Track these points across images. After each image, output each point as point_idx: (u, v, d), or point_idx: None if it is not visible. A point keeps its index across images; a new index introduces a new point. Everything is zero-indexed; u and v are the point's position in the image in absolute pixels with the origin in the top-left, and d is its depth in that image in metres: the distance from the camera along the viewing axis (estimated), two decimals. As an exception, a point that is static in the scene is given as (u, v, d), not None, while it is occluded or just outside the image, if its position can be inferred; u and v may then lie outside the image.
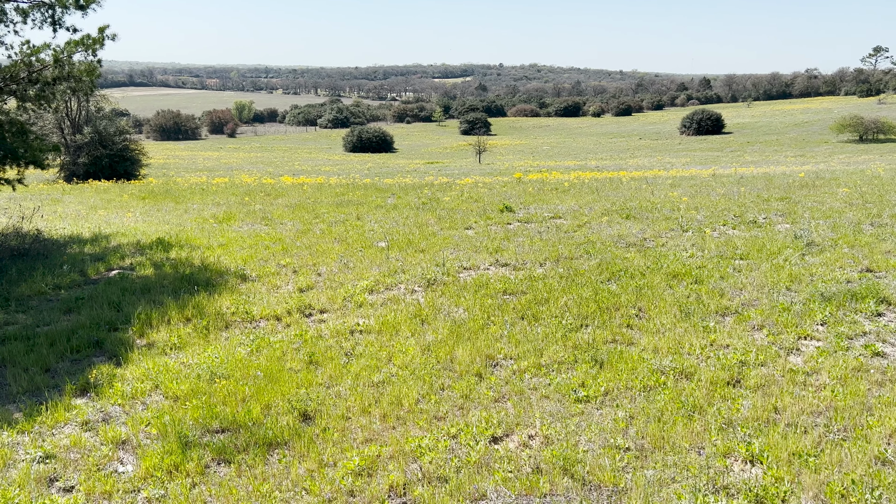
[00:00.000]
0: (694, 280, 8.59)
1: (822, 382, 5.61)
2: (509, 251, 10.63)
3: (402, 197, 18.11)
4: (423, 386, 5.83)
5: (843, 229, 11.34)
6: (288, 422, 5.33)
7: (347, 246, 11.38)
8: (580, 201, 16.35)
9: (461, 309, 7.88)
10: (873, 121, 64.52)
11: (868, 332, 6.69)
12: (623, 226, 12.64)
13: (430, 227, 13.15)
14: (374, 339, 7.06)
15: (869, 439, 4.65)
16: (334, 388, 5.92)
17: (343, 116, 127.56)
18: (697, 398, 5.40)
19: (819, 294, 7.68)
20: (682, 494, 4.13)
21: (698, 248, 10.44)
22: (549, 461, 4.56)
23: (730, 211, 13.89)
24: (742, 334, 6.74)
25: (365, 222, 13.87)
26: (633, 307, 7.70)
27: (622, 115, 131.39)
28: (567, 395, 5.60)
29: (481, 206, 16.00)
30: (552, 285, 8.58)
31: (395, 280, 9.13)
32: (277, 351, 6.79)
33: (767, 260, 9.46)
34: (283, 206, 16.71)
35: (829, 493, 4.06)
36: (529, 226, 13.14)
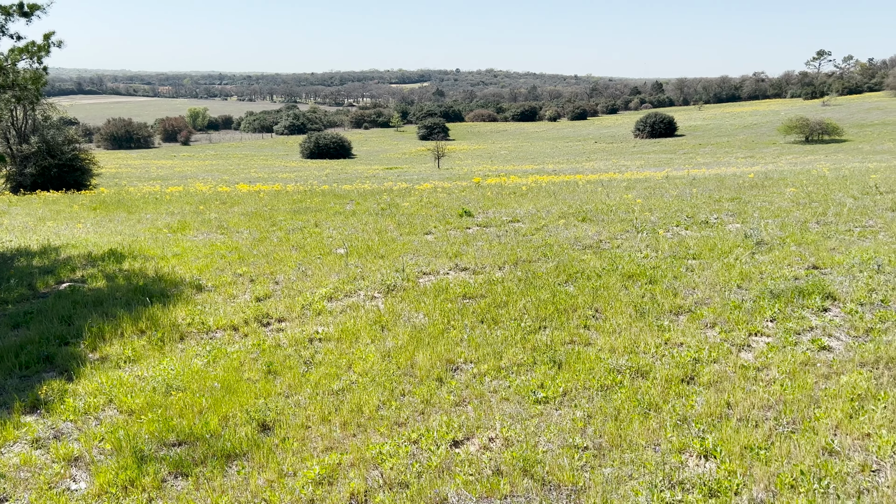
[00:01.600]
0: (648, 280, 8.75)
1: (772, 377, 5.77)
2: (469, 255, 10.68)
3: (360, 203, 18.05)
4: (383, 392, 5.83)
5: (790, 228, 11.68)
6: (246, 433, 5.27)
7: (306, 253, 11.30)
8: (538, 205, 16.51)
9: (421, 314, 7.89)
10: (818, 122, 66.69)
11: (815, 327, 6.91)
12: (580, 228, 12.81)
13: (389, 232, 13.14)
14: (333, 346, 7.02)
15: (816, 431, 4.81)
16: (293, 398, 5.87)
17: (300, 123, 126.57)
18: (653, 396, 5.51)
19: (768, 291, 7.91)
20: (639, 491, 4.21)
21: (652, 248, 10.64)
22: (509, 463, 4.61)
23: (682, 212, 14.19)
24: (695, 332, 6.90)
25: (323, 229, 13.78)
26: (590, 308, 7.81)
27: (578, 119, 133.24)
28: (526, 396, 5.66)
29: (441, 211, 16.04)
30: (511, 288, 8.65)
31: (355, 287, 9.10)
32: (235, 361, 6.71)
33: (719, 259, 9.70)
34: (240, 214, 16.50)
35: (780, 485, 4.19)
36: (488, 230, 13.22)
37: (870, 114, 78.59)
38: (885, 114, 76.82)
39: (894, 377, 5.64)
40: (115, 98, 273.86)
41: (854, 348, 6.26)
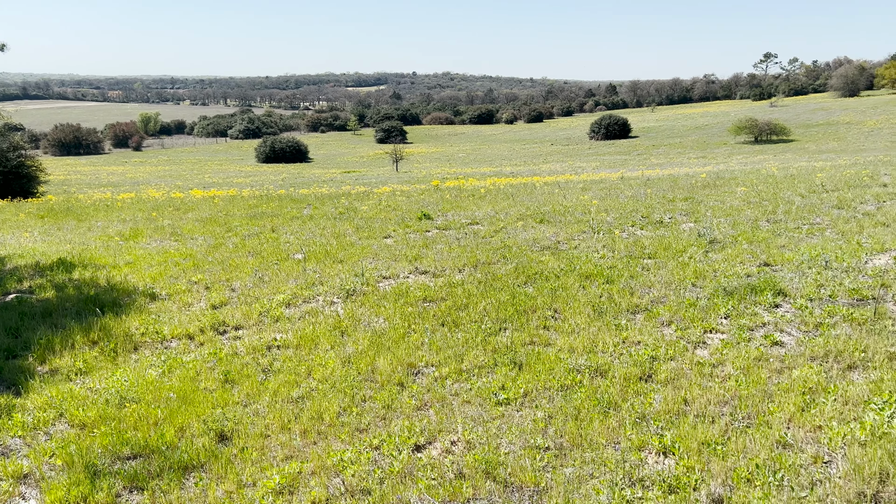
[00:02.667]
0: (606, 280, 8.86)
1: (727, 373, 5.89)
2: (428, 258, 10.66)
3: (318, 207, 17.89)
4: (344, 399, 5.77)
5: (742, 226, 11.96)
6: (204, 443, 5.16)
7: (262, 259, 11.14)
8: (496, 207, 16.59)
9: (381, 318, 7.85)
10: (767, 123, 68.51)
11: (767, 322, 7.08)
12: (538, 230, 12.91)
13: (348, 237, 13.05)
14: (292, 353, 6.93)
15: (770, 425, 4.92)
16: (252, 406, 5.78)
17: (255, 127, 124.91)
18: (612, 394, 5.57)
19: (722, 289, 8.08)
20: (600, 490, 4.25)
21: (609, 248, 10.78)
22: (471, 466, 4.60)
23: (638, 212, 14.42)
24: (652, 330, 7.00)
25: (280, 234, 13.62)
26: (549, 309, 7.87)
27: (534, 121, 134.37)
28: (488, 398, 5.67)
29: (400, 214, 16.00)
30: (471, 291, 8.66)
31: (313, 292, 9.01)
32: (191, 371, 6.58)
33: (674, 258, 9.87)
34: (194, 220, 16.20)
35: (736, 479, 4.27)
36: (448, 232, 13.23)
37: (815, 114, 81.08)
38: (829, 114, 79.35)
39: (843, 370, 5.81)
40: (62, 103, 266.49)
41: (805, 343, 6.43)
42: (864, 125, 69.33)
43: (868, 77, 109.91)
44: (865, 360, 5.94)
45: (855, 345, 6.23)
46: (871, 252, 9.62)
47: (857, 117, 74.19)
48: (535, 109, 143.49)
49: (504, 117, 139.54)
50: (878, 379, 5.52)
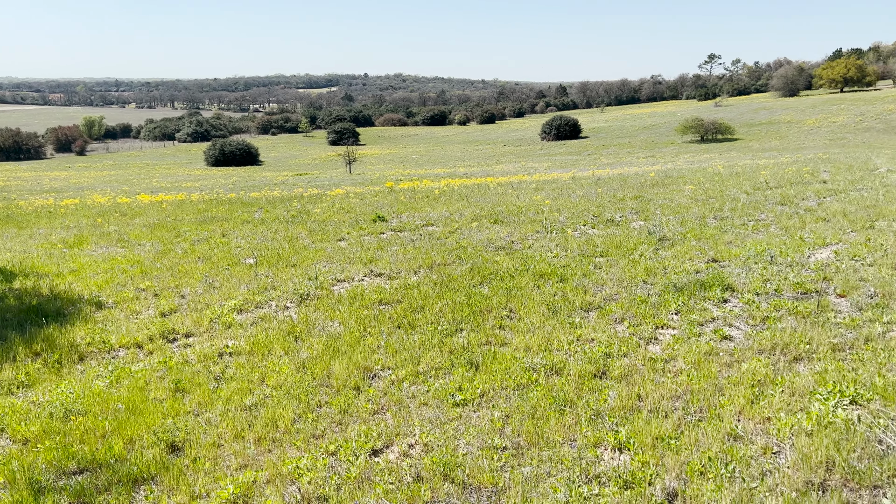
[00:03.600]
0: (559, 279, 8.94)
1: (678, 368, 6.00)
2: (383, 261, 10.61)
3: (270, 211, 17.64)
4: (299, 405, 5.69)
5: (690, 224, 12.22)
6: (154, 455, 5.02)
7: (213, 265, 10.92)
8: (451, 208, 16.61)
9: (336, 322, 7.76)
10: (712, 122, 70.23)
11: (716, 317, 7.24)
12: (492, 230, 12.97)
13: (301, 240, 12.89)
14: (245, 360, 6.80)
15: (722, 418, 5.02)
16: (204, 415, 5.65)
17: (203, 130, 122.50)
18: (568, 392, 5.61)
19: (672, 285, 8.23)
20: (557, 488, 4.27)
21: (562, 247, 10.89)
22: (429, 468, 4.58)
23: (589, 211, 14.61)
24: (605, 328, 7.09)
25: (231, 239, 13.37)
26: (504, 308, 7.90)
27: (486, 122, 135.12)
28: (445, 400, 5.65)
29: (353, 216, 15.89)
30: (427, 292, 8.64)
31: (266, 297, 8.86)
32: (140, 381, 6.39)
33: (625, 256, 10.02)
34: (141, 226, 15.79)
35: (690, 472, 4.34)
36: (403, 234, 13.18)
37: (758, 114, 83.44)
38: (771, 113, 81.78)
39: (789, 362, 5.97)
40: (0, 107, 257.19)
41: (753, 336, 6.60)
42: (804, 124, 71.67)
43: (807, 77, 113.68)
44: (810, 352, 6.12)
45: (800, 337, 6.41)
46: (813, 246, 9.93)
47: (798, 116, 76.66)
48: (487, 111, 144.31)
49: (457, 118, 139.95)
50: (823, 370, 5.69)
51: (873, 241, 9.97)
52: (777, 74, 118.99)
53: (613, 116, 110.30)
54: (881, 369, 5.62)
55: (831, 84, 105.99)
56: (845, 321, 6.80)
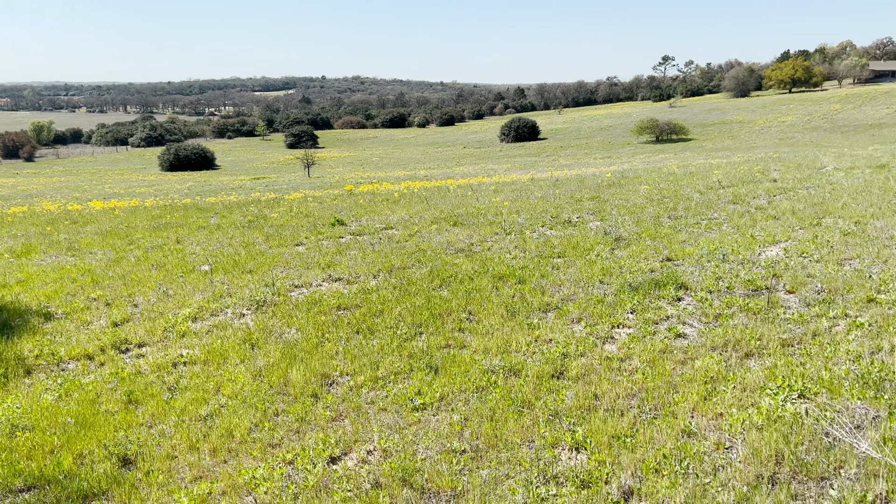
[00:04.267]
0: (518, 280, 8.99)
1: (634, 367, 6.08)
2: (342, 265, 10.53)
3: (226, 216, 17.38)
4: (255, 414, 5.61)
5: (645, 223, 12.42)
6: (105, 469, 4.90)
7: (167, 272, 10.70)
8: (410, 211, 16.59)
9: (294, 329, 7.68)
10: (667, 123, 71.56)
11: (670, 315, 7.37)
12: (452, 233, 12.98)
13: (257, 245, 12.73)
14: (200, 369, 6.68)
15: (676, 415, 5.11)
16: (157, 427, 5.53)
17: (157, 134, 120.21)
18: (526, 393, 5.65)
19: (628, 284, 8.35)
20: (515, 489, 4.29)
21: (520, 249, 10.96)
22: (388, 474, 4.56)
23: (547, 212, 14.73)
24: (563, 328, 7.15)
25: (186, 245, 13.13)
26: (463, 311, 7.92)
27: (446, 125, 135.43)
28: (404, 404, 5.64)
29: (312, 220, 15.75)
30: (386, 296, 8.61)
31: (221, 305, 8.72)
32: (90, 393, 6.23)
33: (582, 256, 10.14)
34: (93, 233, 15.41)
35: (645, 470, 4.40)
36: (362, 238, 13.11)
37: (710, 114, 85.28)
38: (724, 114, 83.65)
39: (741, 358, 6.10)
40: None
41: (706, 334, 6.73)
42: (755, 124, 73.49)
43: (757, 78, 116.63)
44: (761, 348, 6.26)
45: (751, 333, 6.56)
46: (763, 244, 10.18)
47: (749, 116, 78.57)
48: (446, 113, 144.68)
49: (416, 121, 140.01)
50: (773, 365, 5.83)
51: (820, 237, 10.26)
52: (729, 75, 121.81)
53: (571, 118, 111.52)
54: (828, 363, 5.79)
55: (780, 85, 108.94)
56: (794, 317, 6.98)
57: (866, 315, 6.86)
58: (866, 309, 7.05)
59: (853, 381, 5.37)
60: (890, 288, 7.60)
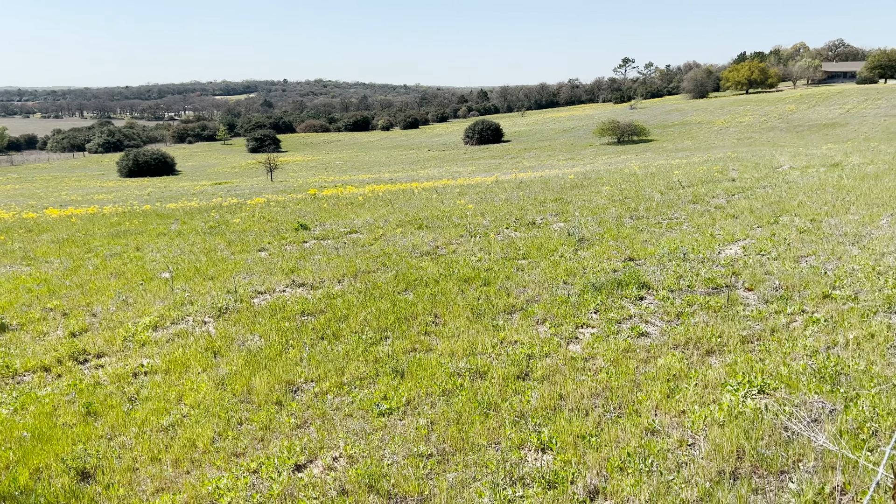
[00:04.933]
0: (483, 282, 9.02)
1: (598, 366, 6.14)
2: (306, 270, 10.44)
3: (187, 222, 17.10)
4: (218, 423, 5.52)
5: (608, 224, 12.56)
6: (63, 484, 4.77)
7: (126, 280, 10.49)
8: (375, 214, 16.52)
9: (257, 336, 7.58)
10: (628, 124, 72.53)
11: (633, 315, 7.46)
12: (417, 236, 12.97)
13: (219, 252, 12.54)
14: (161, 379, 6.55)
15: (640, 413, 5.17)
16: (117, 439, 5.41)
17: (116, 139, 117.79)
18: (492, 395, 5.66)
19: (591, 285, 8.42)
20: (482, 492, 4.30)
21: (485, 251, 10.99)
22: (354, 481, 4.52)
23: (511, 214, 14.81)
24: (528, 329, 7.19)
25: (146, 253, 12.89)
26: (429, 314, 7.91)
27: (410, 127, 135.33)
28: (370, 410, 5.60)
29: (275, 225, 15.58)
30: (351, 301, 8.55)
31: (183, 313, 8.57)
32: (47, 406, 6.07)
33: (546, 257, 10.21)
34: (49, 242, 15.02)
35: (610, 469, 4.44)
36: (326, 242, 13.02)
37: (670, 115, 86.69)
38: (683, 115, 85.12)
39: (702, 356, 6.20)
40: None
41: (668, 332, 6.82)
42: (714, 124, 74.91)
43: (715, 80, 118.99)
44: (721, 345, 6.38)
45: (712, 331, 6.67)
46: (723, 243, 10.37)
47: (708, 117, 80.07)
48: (410, 116, 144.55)
49: (380, 124, 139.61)
50: (733, 362, 5.94)
51: (777, 235, 10.50)
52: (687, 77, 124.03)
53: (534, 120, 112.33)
54: (786, 359, 5.92)
55: (737, 86, 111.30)
56: (753, 314, 7.12)
57: (822, 311, 7.03)
58: (822, 305, 7.23)
59: (810, 376, 5.50)
60: (844, 284, 7.81)
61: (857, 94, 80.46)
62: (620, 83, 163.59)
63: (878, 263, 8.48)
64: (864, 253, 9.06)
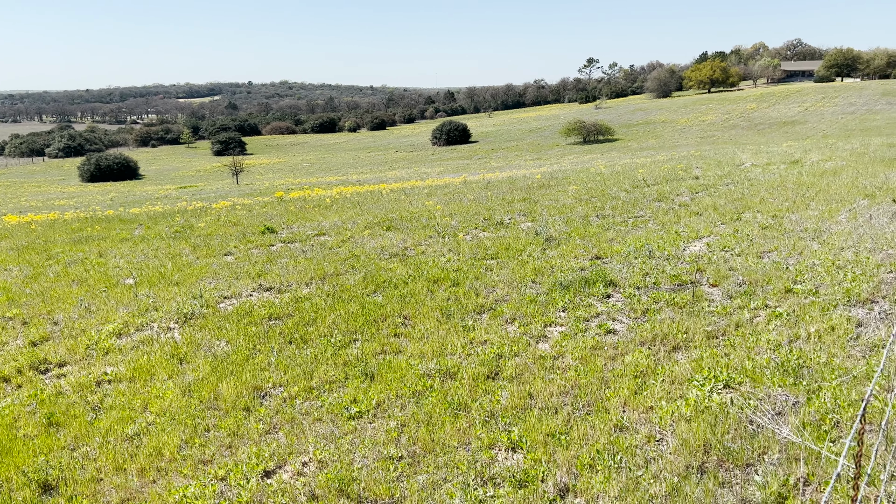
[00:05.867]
0: (452, 283, 9.02)
1: (567, 364, 6.18)
2: (273, 274, 10.33)
3: (151, 227, 16.82)
4: (185, 430, 5.43)
5: (575, 223, 12.66)
6: (25, 496, 4.66)
7: (89, 287, 10.27)
8: (343, 216, 16.43)
9: (223, 342, 7.48)
10: (593, 124, 73.26)
11: (601, 312, 7.52)
12: (385, 237, 12.92)
13: (184, 256, 12.35)
14: (125, 387, 6.43)
15: (608, 410, 5.22)
16: (81, 450, 5.29)
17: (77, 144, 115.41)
18: (462, 396, 5.66)
19: (559, 283, 8.48)
20: (453, 493, 4.29)
21: (454, 252, 11.00)
22: (324, 486, 4.49)
23: (480, 214, 14.85)
24: (497, 329, 7.21)
25: (109, 259, 12.64)
26: (399, 316, 7.88)
27: (377, 129, 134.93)
28: (340, 414, 5.56)
29: (241, 229, 15.40)
30: (319, 304, 8.49)
31: (147, 319, 8.43)
32: (7, 418, 5.92)
33: (514, 257, 10.25)
34: (8, 249, 14.64)
35: (580, 466, 4.47)
36: (293, 245, 12.90)
37: (635, 115, 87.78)
38: (647, 114, 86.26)
39: (669, 352, 6.28)
40: None
41: (635, 329, 6.89)
42: (677, 123, 76.03)
43: (678, 79, 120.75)
44: (687, 341, 6.47)
45: (678, 327, 6.76)
46: (687, 240, 10.52)
47: (671, 116, 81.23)
48: (377, 117, 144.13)
49: (347, 125, 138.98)
50: (699, 357, 6.03)
51: (741, 232, 10.68)
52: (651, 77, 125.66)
53: (501, 121, 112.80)
54: (750, 353, 6.02)
55: (700, 85, 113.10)
56: (718, 309, 7.23)
57: (785, 305, 7.17)
58: (784, 299, 7.38)
59: (774, 370, 5.60)
60: (805, 278, 7.98)
61: (815, 92, 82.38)
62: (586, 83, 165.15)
63: (837, 258, 8.68)
64: (823, 248, 9.27)
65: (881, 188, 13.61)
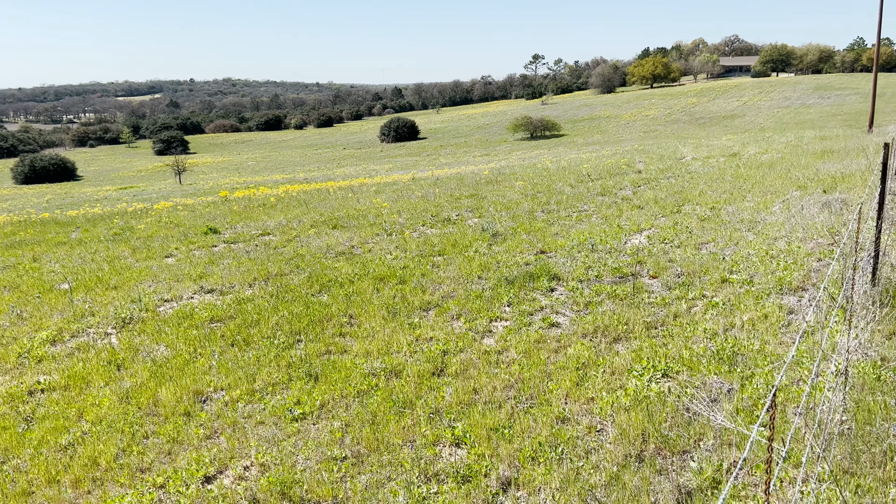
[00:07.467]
0: (399, 280, 9.00)
1: (511, 358, 6.23)
2: (215, 276, 10.14)
3: (88, 230, 16.30)
4: (122, 438, 5.29)
5: (521, 218, 12.77)
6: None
7: (21, 294, 9.90)
8: (289, 215, 16.22)
9: (163, 346, 7.30)
10: (540, 120, 74.02)
11: (544, 306, 7.61)
12: (332, 236, 12.81)
13: (123, 259, 12.02)
14: (59, 396, 6.22)
15: (550, 402, 5.28)
16: (11, 462, 5.10)
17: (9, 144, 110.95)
18: (407, 393, 5.65)
19: (504, 279, 8.55)
20: (397, 491, 4.29)
21: (401, 249, 10.98)
22: (266, 489, 4.42)
23: (428, 211, 14.85)
24: (443, 325, 7.23)
25: (43, 263, 12.21)
26: (344, 315, 7.83)
27: (324, 126, 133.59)
28: (283, 416, 5.49)
29: (183, 230, 15.06)
30: (262, 305, 8.36)
31: (83, 325, 8.17)
32: (-69, 432, 5.65)
33: (461, 253, 10.28)
34: (-67, 255, 13.99)
35: (522, 459, 4.52)
36: (236, 246, 12.68)
37: (580, 110, 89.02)
38: (592, 109, 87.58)
39: (610, 343, 6.40)
40: None
41: (577, 322, 7.00)
42: (622, 118, 77.42)
43: (621, 75, 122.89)
44: (627, 332, 6.59)
45: (619, 319, 6.89)
46: (629, 233, 10.73)
47: (615, 111, 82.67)
48: (324, 114, 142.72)
49: (293, 123, 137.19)
50: (639, 348, 6.15)
51: (680, 224, 10.94)
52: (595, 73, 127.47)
53: (449, 117, 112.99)
54: (687, 343, 6.18)
55: (643, 81, 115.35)
56: (657, 300, 7.40)
57: (721, 295, 7.38)
58: (721, 289, 7.59)
59: (710, 358, 5.76)
60: (741, 268, 8.22)
61: (752, 87, 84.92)
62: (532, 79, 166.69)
63: (770, 248, 8.97)
64: (758, 238, 9.57)
65: (812, 179, 14.12)
